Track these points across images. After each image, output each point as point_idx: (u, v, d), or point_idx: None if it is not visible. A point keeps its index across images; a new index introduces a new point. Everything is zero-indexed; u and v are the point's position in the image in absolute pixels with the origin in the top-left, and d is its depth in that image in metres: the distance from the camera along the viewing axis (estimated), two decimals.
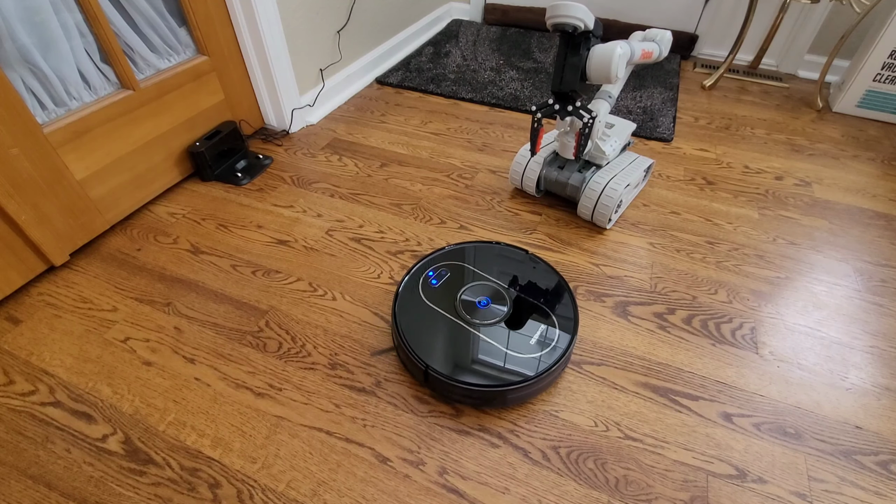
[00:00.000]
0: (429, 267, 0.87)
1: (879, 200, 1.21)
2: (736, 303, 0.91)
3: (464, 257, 0.89)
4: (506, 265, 0.88)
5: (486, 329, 0.76)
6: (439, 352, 0.73)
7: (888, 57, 1.49)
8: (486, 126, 1.48)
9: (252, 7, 1.13)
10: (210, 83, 1.17)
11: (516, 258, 0.90)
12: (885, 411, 0.74)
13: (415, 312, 0.79)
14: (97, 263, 0.96)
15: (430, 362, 0.71)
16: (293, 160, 1.29)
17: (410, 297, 0.81)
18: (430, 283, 0.84)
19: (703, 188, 1.23)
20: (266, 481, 0.64)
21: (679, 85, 1.78)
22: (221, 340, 0.82)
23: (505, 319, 0.78)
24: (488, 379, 0.70)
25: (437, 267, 0.87)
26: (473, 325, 0.77)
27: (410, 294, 0.82)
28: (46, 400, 0.73)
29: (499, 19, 2.24)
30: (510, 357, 0.72)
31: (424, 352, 0.73)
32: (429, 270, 0.86)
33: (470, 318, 0.78)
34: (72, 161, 0.91)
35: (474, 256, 0.90)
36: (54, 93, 0.87)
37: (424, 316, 0.78)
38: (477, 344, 0.75)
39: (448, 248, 0.91)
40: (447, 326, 0.77)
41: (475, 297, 0.81)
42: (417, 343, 0.74)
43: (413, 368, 0.75)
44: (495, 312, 0.79)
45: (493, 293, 0.82)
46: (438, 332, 0.76)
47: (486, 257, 0.90)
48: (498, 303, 0.81)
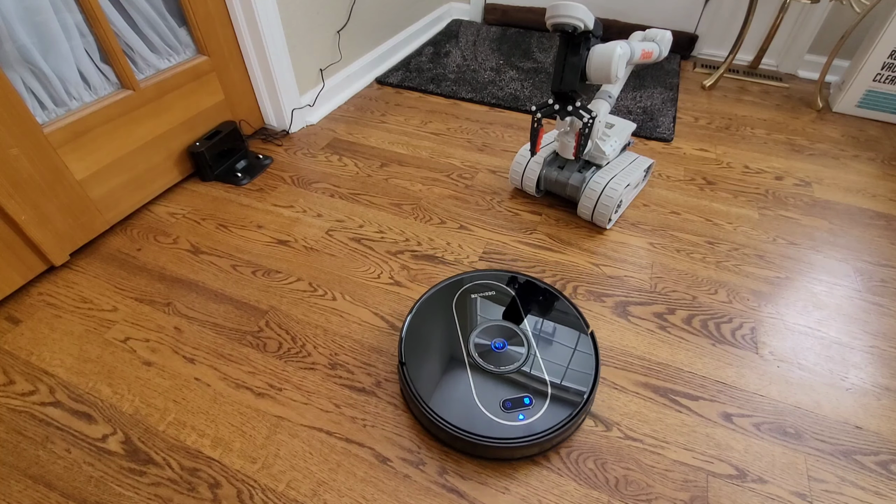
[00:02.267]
0: (444, 295, 0.81)
1: (879, 200, 1.21)
2: (736, 303, 0.91)
3: (481, 288, 0.83)
4: (529, 302, 0.81)
5: (499, 377, 0.70)
6: (448, 403, 0.67)
7: (888, 57, 1.49)
8: (486, 126, 1.48)
9: (252, 7, 1.13)
10: (210, 83, 1.17)
11: (544, 296, 0.81)
12: (885, 411, 0.74)
13: (423, 357, 0.72)
14: (97, 263, 0.96)
15: (447, 418, 0.65)
16: (293, 160, 1.29)
17: (419, 335, 0.75)
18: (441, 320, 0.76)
19: (703, 188, 1.23)
20: (266, 481, 0.64)
21: (679, 85, 1.78)
22: (221, 340, 0.82)
23: (520, 367, 0.71)
24: (495, 431, 0.64)
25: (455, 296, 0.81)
26: (486, 371, 0.70)
27: (419, 332, 0.75)
28: (46, 400, 0.73)
29: (499, 19, 2.24)
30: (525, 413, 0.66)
31: (436, 406, 0.67)
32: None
33: (483, 362, 0.71)
34: (72, 161, 0.91)
35: (489, 288, 0.83)
36: (54, 93, 0.87)
37: (433, 360, 0.72)
38: (488, 392, 0.68)
39: (474, 275, 0.84)
40: (456, 372, 0.70)
41: (490, 339, 0.74)
42: (426, 393, 0.68)
43: (420, 416, 0.69)
44: (512, 356, 0.72)
45: (509, 334, 0.75)
46: (446, 379, 0.69)
47: (509, 292, 0.82)
48: (514, 344, 0.74)
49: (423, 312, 0.79)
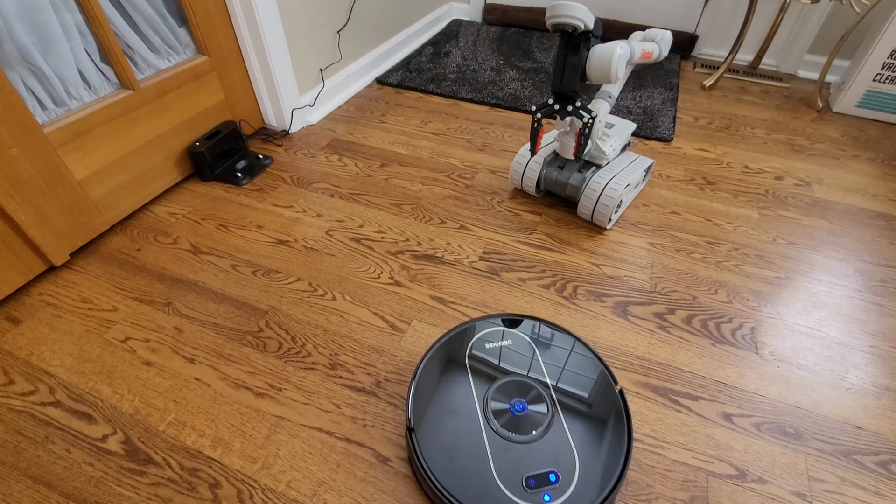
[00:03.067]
0: (455, 345, 0.72)
1: (879, 200, 1.21)
2: (736, 303, 0.91)
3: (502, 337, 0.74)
4: (549, 352, 0.72)
5: (521, 446, 0.61)
6: (464, 480, 0.59)
7: (888, 57, 1.49)
8: (486, 126, 1.48)
9: (252, 7, 1.13)
10: (210, 83, 1.17)
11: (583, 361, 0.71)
12: (885, 411, 0.74)
13: (435, 420, 0.64)
14: (97, 263, 0.96)
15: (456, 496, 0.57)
16: (293, 160, 1.29)
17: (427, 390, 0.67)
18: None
19: (703, 188, 1.23)
20: (266, 481, 0.64)
21: (679, 85, 1.78)
22: (221, 340, 0.82)
23: (544, 433, 0.63)
24: None
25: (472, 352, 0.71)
26: (505, 439, 0.62)
27: (427, 387, 0.67)
28: (46, 400, 0.73)
29: (499, 19, 2.24)
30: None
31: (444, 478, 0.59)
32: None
33: (502, 429, 0.63)
34: (72, 161, 0.91)
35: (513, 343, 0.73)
36: (54, 93, 0.87)
37: (446, 425, 0.63)
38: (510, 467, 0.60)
39: (488, 321, 0.76)
40: (472, 440, 0.62)
41: (508, 400, 0.66)
42: (434, 464, 0.60)
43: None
44: (534, 420, 0.64)
45: (530, 392, 0.67)
46: (460, 449, 0.61)
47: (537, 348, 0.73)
48: (535, 402, 0.66)
49: (434, 366, 0.70)
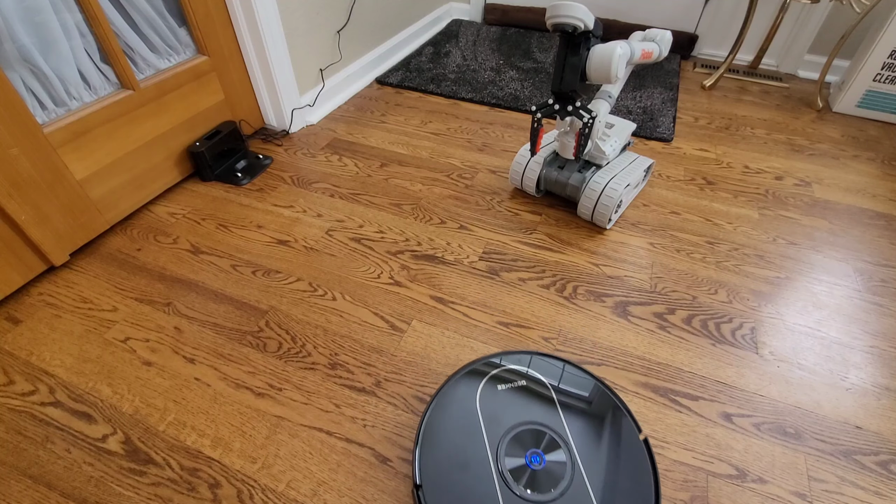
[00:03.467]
0: (465, 387, 0.66)
1: (879, 200, 1.21)
2: (736, 303, 0.91)
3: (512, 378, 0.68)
4: (566, 393, 0.67)
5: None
6: None
7: (888, 57, 1.49)
8: (486, 126, 1.48)
9: (252, 7, 1.13)
10: (210, 83, 1.17)
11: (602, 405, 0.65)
12: (885, 411, 0.74)
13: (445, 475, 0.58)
14: (97, 263, 0.96)
15: None
16: (293, 160, 1.29)
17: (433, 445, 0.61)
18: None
19: (703, 188, 1.23)
20: (266, 481, 0.64)
21: (679, 85, 1.78)
22: (221, 340, 0.82)
23: (564, 491, 0.56)
24: None
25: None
26: (522, 499, 0.56)
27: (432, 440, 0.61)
28: (46, 400, 0.73)
29: (499, 19, 2.24)
30: None
31: None
32: None
33: (517, 487, 0.57)
34: (72, 161, 0.91)
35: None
36: (54, 93, 0.87)
37: (456, 480, 0.57)
38: None
39: (499, 359, 0.71)
40: (485, 500, 0.55)
41: (524, 451, 0.60)
42: None
43: None
44: (552, 475, 0.58)
45: (546, 441, 0.61)
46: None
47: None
48: (552, 452, 0.60)
49: (442, 413, 0.64)
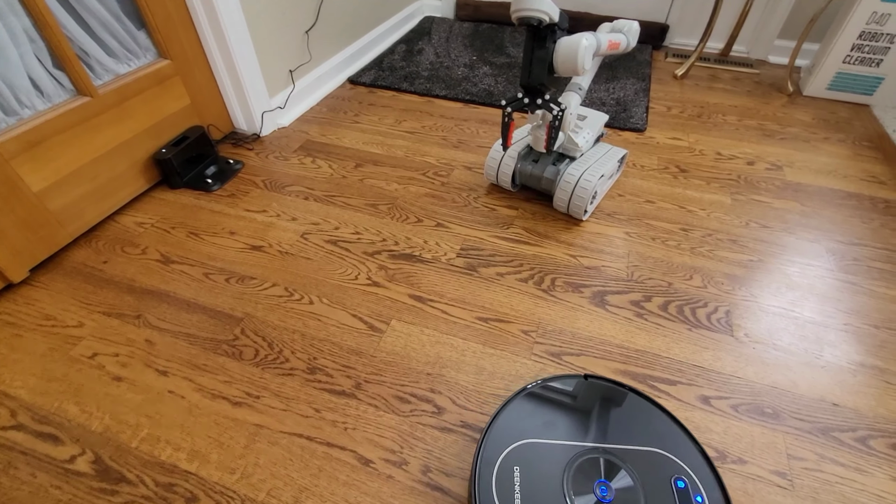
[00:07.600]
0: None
1: (850, 181, 1.24)
2: (711, 287, 0.92)
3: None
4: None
5: None
6: None
7: (857, 38, 1.51)
8: (460, 123, 1.47)
9: (214, 8, 1.10)
10: (174, 87, 1.13)
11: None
12: (860, 387, 0.76)
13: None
14: (60, 278, 0.93)
15: None
16: (265, 164, 1.26)
17: None
18: None
19: (676, 176, 1.24)
20: (246, 491, 0.62)
21: (651, 75, 1.80)
22: (195, 351, 0.80)
23: None
24: None
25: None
26: None
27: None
28: (7, 424, 0.70)
29: (471, 15, 2.23)
30: None
31: None
32: None
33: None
34: (27, 173, 0.87)
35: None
36: (3, 101, 0.83)
37: None
38: None
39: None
40: None
41: (589, 482, 0.54)
42: None
43: None
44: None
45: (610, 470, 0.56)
46: None
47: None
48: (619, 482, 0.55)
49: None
